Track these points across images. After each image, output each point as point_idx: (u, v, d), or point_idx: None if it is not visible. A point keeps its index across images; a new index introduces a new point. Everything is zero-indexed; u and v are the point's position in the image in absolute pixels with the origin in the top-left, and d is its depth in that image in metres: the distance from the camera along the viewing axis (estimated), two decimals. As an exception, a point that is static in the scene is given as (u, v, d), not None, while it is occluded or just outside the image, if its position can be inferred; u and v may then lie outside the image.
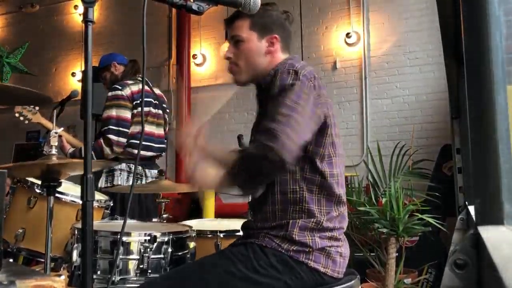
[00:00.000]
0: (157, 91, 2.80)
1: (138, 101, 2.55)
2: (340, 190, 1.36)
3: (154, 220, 2.35)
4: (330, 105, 1.36)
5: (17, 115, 2.66)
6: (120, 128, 2.51)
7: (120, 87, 2.56)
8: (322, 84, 1.35)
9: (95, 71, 2.85)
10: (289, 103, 1.21)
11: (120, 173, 2.58)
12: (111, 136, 2.48)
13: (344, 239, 1.37)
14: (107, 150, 2.48)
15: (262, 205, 1.34)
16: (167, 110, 2.86)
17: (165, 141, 2.82)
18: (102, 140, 2.49)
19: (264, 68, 1.42)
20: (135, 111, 2.56)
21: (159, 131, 2.75)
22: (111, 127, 2.49)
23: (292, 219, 1.28)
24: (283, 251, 1.24)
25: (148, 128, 2.67)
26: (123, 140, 2.52)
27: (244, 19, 1.43)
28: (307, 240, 1.25)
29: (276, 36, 1.43)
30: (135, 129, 2.57)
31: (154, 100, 2.72)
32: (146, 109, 2.67)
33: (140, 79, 2.63)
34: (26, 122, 2.69)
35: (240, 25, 1.44)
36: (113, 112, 2.52)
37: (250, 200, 1.44)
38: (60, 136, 2.43)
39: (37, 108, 2.70)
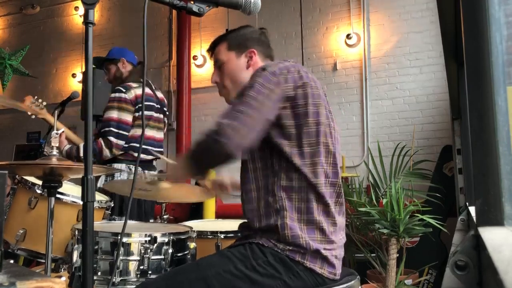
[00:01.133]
0: (159, 94, 2.79)
1: (141, 105, 2.53)
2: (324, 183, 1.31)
3: (151, 221, 2.35)
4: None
5: (28, 103, 2.62)
6: (120, 131, 2.50)
7: (124, 90, 2.53)
8: (310, 77, 1.34)
9: (102, 60, 2.80)
10: (247, 99, 1.25)
11: (120, 174, 2.57)
12: (111, 138, 2.48)
13: (338, 242, 1.32)
14: (106, 151, 2.48)
15: (246, 205, 1.36)
16: (167, 113, 2.85)
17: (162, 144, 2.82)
18: (102, 141, 2.49)
19: None
20: (136, 114, 2.54)
21: (159, 135, 2.75)
22: (111, 129, 2.49)
23: (280, 218, 1.26)
24: (279, 250, 1.24)
25: (149, 132, 2.66)
26: (122, 142, 2.52)
27: (221, 44, 1.55)
28: (301, 242, 1.24)
29: (253, 50, 1.51)
30: (136, 132, 2.56)
31: (157, 104, 2.71)
32: (148, 113, 2.65)
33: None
34: (33, 117, 2.67)
35: (218, 50, 1.55)
36: (115, 114, 2.51)
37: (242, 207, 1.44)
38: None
39: (44, 103, 2.68)
